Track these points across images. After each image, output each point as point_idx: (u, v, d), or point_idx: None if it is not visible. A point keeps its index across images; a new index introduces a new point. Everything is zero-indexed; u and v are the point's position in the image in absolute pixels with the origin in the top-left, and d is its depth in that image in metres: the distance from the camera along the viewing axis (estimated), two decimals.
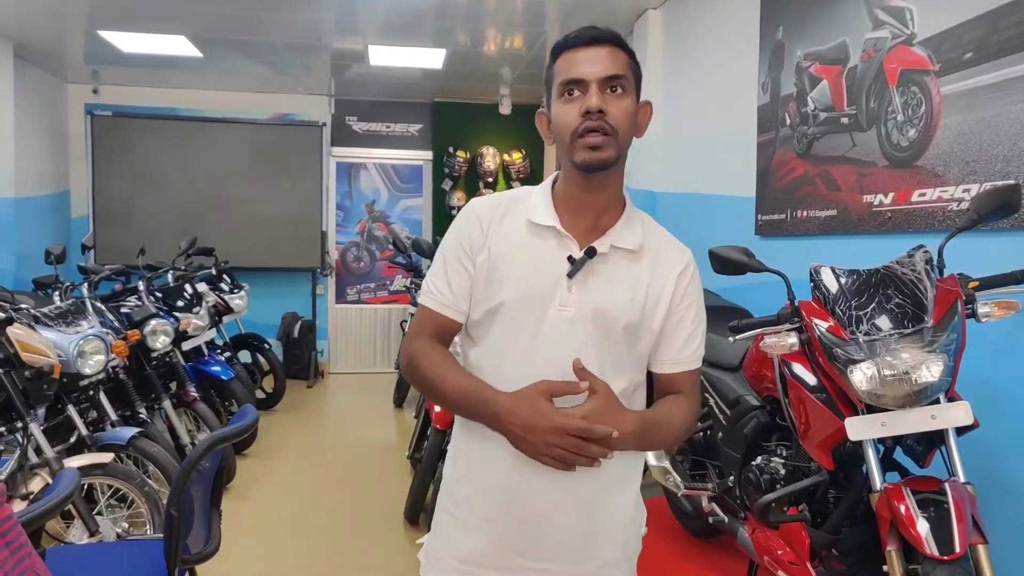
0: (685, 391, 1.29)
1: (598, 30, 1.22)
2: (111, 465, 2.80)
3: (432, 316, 1.28)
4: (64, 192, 6.86)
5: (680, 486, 2.75)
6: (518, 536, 1.24)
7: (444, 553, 1.30)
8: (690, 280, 1.29)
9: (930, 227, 2.39)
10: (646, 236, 1.28)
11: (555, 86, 1.22)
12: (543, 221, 1.24)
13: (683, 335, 1.28)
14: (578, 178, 1.23)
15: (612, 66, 1.19)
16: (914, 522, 1.62)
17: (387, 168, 7.63)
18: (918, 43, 2.45)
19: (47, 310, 3.19)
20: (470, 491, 1.28)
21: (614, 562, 1.29)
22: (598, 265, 1.22)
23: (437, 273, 1.29)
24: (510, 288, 1.22)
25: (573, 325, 1.20)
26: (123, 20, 5.05)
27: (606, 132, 1.17)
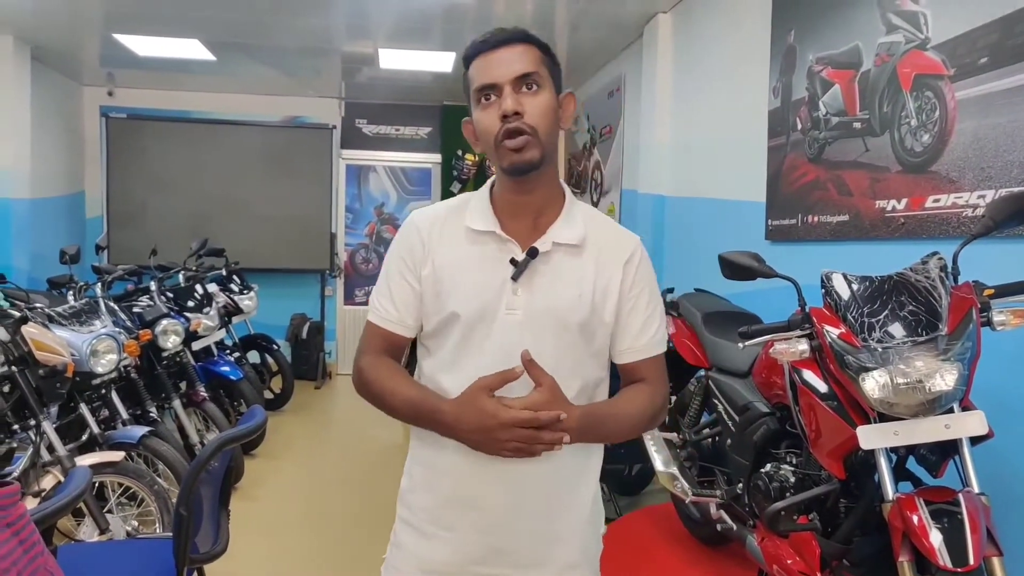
0: (648, 378, 1.28)
1: (505, 31, 1.21)
2: (122, 463, 2.82)
3: (378, 332, 1.28)
4: (79, 193, 6.93)
5: (688, 492, 2.73)
6: (477, 544, 1.23)
7: (405, 563, 1.29)
8: (638, 267, 1.28)
9: (944, 233, 2.37)
10: (589, 229, 1.26)
11: (471, 93, 1.22)
12: (482, 227, 1.24)
13: (638, 322, 1.27)
14: (510, 182, 1.23)
15: (523, 64, 1.18)
16: (927, 533, 1.60)
17: (396, 171, 7.65)
18: (932, 47, 2.43)
19: (61, 309, 3.21)
20: (426, 500, 1.28)
21: (574, 564, 1.28)
22: (541, 265, 1.22)
23: (381, 289, 1.29)
24: (457, 298, 1.22)
25: (523, 328, 1.20)
26: (138, 24, 5.09)
27: (526, 132, 1.16)
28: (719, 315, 2.96)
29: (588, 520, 1.30)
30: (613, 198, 5.62)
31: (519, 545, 1.24)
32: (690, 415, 2.99)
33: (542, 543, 1.25)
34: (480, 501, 1.23)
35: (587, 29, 5.00)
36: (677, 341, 3.06)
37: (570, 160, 6.92)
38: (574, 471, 1.27)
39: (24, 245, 5.64)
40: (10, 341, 2.68)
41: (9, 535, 1.00)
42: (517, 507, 1.23)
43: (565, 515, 1.26)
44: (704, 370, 2.92)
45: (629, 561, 3.09)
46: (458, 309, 1.21)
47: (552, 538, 1.25)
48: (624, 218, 5.35)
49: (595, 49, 5.49)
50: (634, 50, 5.11)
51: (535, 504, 1.23)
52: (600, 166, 5.96)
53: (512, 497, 1.22)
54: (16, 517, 1.03)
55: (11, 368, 2.66)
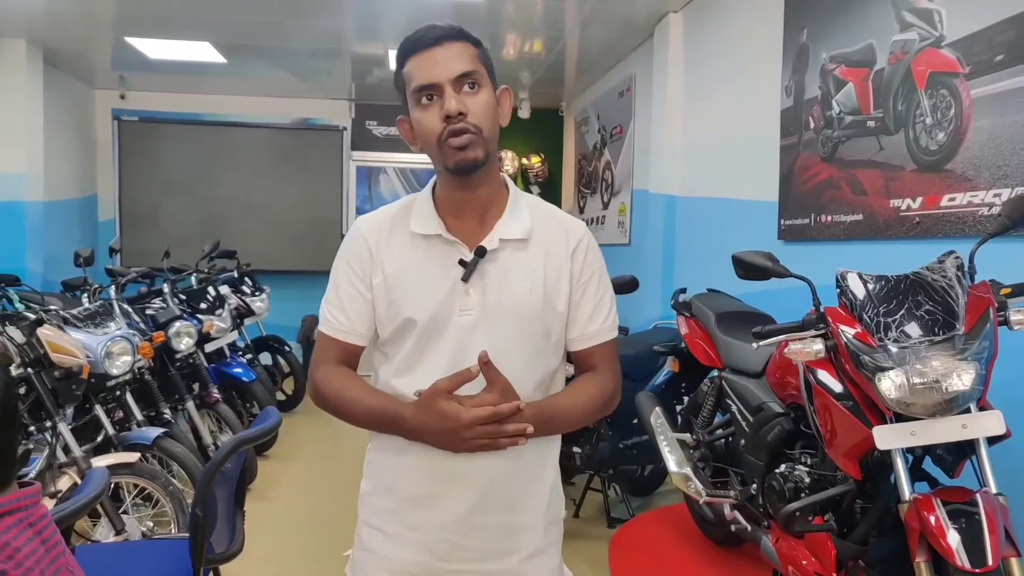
0: (598, 366, 1.29)
1: (439, 28, 1.20)
2: (137, 464, 2.84)
3: (332, 343, 1.28)
4: (91, 196, 6.98)
5: (702, 493, 2.72)
6: (441, 542, 1.24)
7: (371, 566, 1.29)
8: (586, 254, 1.27)
9: (960, 232, 2.36)
10: (535, 221, 1.26)
11: (409, 92, 1.21)
12: (428, 231, 1.24)
13: (588, 309, 1.27)
14: (454, 181, 1.23)
15: (463, 63, 1.17)
16: (945, 533, 1.59)
17: (406, 172, 7.67)
18: (947, 45, 2.41)
19: (76, 311, 3.24)
20: (389, 502, 1.28)
21: (539, 550, 1.28)
22: (490, 263, 1.22)
23: (331, 299, 1.29)
24: (411, 304, 1.21)
25: (478, 327, 1.20)
26: (150, 27, 5.13)
27: (470, 131, 1.16)
28: (732, 315, 2.94)
29: (548, 507, 1.30)
30: (624, 198, 5.61)
31: (484, 539, 1.24)
32: (703, 415, 2.98)
33: (506, 535, 1.26)
34: (442, 500, 1.23)
35: (597, 29, 5.00)
36: (690, 341, 3.05)
37: (580, 160, 6.92)
38: (534, 463, 1.27)
39: (38, 248, 5.69)
40: (26, 343, 2.71)
41: (32, 534, 1.01)
42: (480, 503, 1.22)
43: (527, 506, 1.27)
44: (717, 370, 2.91)
45: (642, 562, 3.09)
46: (413, 315, 1.21)
47: (515, 529, 1.26)
48: (635, 218, 5.34)
49: (605, 49, 5.49)
50: (645, 50, 5.11)
51: (497, 499, 1.23)
52: (611, 166, 5.95)
53: (474, 494, 1.22)
54: (38, 517, 1.04)
55: (27, 370, 2.69)
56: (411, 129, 1.24)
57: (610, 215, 5.91)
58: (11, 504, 1.00)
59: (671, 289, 3.63)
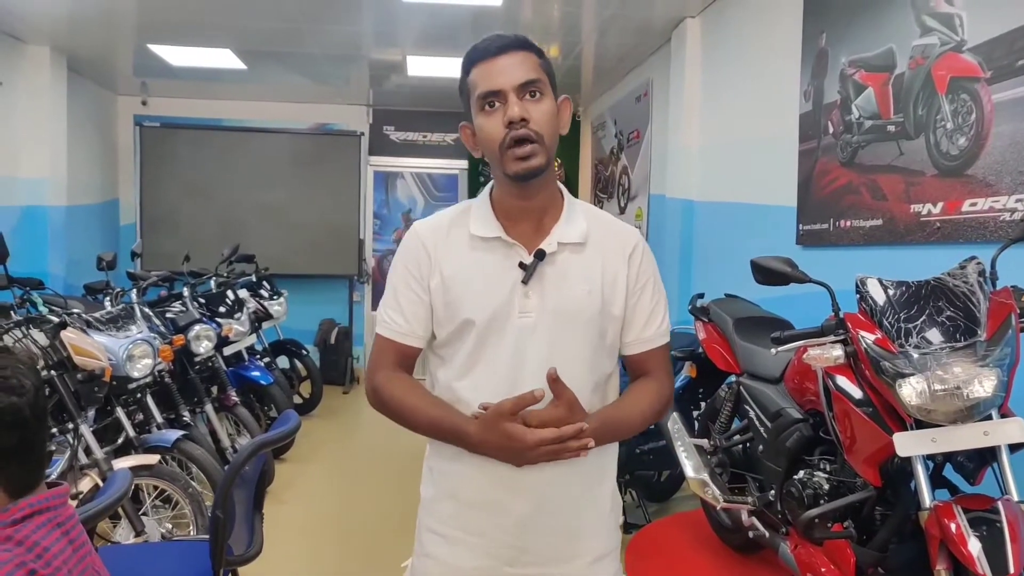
0: (653, 370, 1.31)
1: (505, 37, 1.23)
2: (157, 467, 2.87)
3: (390, 345, 1.29)
4: (113, 200, 7.08)
5: (719, 499, 2.71)
6: (505, 546, 1.25)
7: (435, 572, 1.30)
8: (641, 259, 1.29)
9: (981, 238, 2.33)
10: (590, 225, 1.28)
11: (473, 100, 1.23)
12: (487, 233, 1.25)
13: (644, 314, 1.29)
14: (513, 188, 1.24)
15: (526, 71, 1.19)
16: (966, 541, 1.57)
17: (423, 177, 7.71)
18: (968, 50, 2.39)
19: (99, 315, 3.28)
20: (452, 508, 1.28)
21: (601, 555, 1.30)
22: (549, 266, 1.23)
23: (389, 303, 1.30)
24: (469, 305, 1.23)
25: (536, 329, 1.21)
26: (172, 35, 5.21)
27: (532, 140, 1.18)
28: (750, 321, 2.93)
29: (609, 512, 1.32)
30: (641, 203, 5.60)
31: (547, 543, 1.25)
32: (721, 421, 2.96)
33: (569, 539, 1.27)
34: (506, 505, 1.24)
35: (615, 34, 5.00)
36: (708, 347, 3.04)
37: (597, 165, 6.92)
38: (594, 468, 1.29)
39: (60, 252, 5.77)
40: (49, 346, 2.75)
41: (60, 534, 1.03)
42: (543, 508, 1.24)
43: (588, 511, 1.29)
44: (735, 376, 2.90)
45: (659, 568, 3.07)
46: (472, 316, 1.22)
47: (578, 534, 1.27)
48: (652, 223, 5.33)
49: (623, 54, 5.49)
50: (662, 55, 5.10)
51: (560, 504, 1.25)
52: (627, 171, 5.94)
53: (537, 499, 1.23)
54: (66, 517, 1.06)
55: (50, 372, 2.72)
56: (473, 135, 1.27)
57: (627, 220, 5.88)
58: (40, 504, 1.02)
59: (688, 294, 3.62)
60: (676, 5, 4.45)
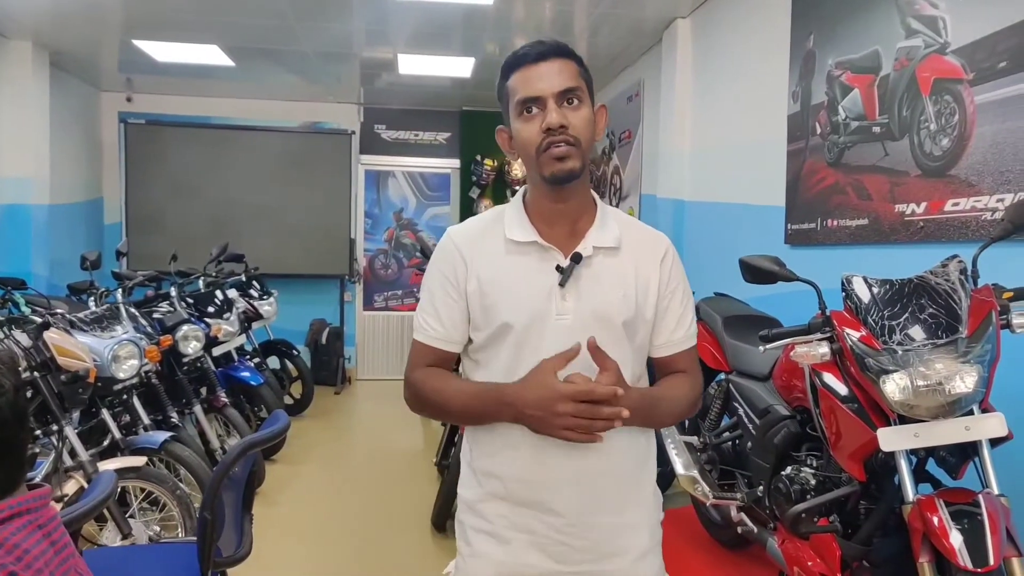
0: (686, 369, 1.35)
1: (545, 44, 1.24)
2: (144, 468, 2.85)
3: (427, 350, 1.32)
4: (97, 199, 7.01)
5: (709, 495, 2.73)
6: (554, 543, 1.26)
7: (485, 571, 1.30)
8: (672, 264, 1.33)
9: (963, 237, 2.36)
10: (622, 231, 1.31)
11: (512, 104, 1.25)
12: (523, 238, 1.27)
13: (674, 317, 1.32)
14: (549, 191, 1.26)
15: (565, 79, 1.21)
16: (947, 534, 1.60)
17: (415, 176, 7.70)
18: (951, 52, 2.42)
19: (83, 315, 3.25)
20: (500, 507, 1.30)
21: (646, 551, 1.32)
22: (584, 269, 1.26)
23: (425, 308, 1.33)
24: (507, 309, 1.25)
25: (573, 331, 1.22)
26: (157, 30, 5.16)
27: (570, 143, 1.20)
28: (739, 319, 2.95)
29: (653, 507, 1.36)
30: (632, 203, 5.62)
31: (596, 540, 1.27)
32: (710, 418, 2.98)
33: (617, 535, 1.29)
34: (554, 504, 1.25)
35: (606, 34, 5.02)
36: (697, 344, 3.05)
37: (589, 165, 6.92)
38: (636, 463, 1.32)
39: (43, 251, 5.70)
40: (32, 347, 2.71)
41: (41, 536, 1.02)
42: (590, 505, 1.26)
43: (634, 506, 1.31)
44: (724, 373, 2.92)
45: None
46: (509, 319, 1.24)
47: (625, 529, 1.30)
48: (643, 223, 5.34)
49: (614, 54, 5.51)
50: (653, 55, 5.12)
51: (607, 499, 1.27)
52: (619, 171, 5.96)
53: (584, 496, 1.25)
54: (47, 519, 1.05)
55: (34, 373, 2.69)
56: (509, 139, 1.29)
57: None
58: (21, 506, 1.01)
59: None
60: (667, 6, 4.47)
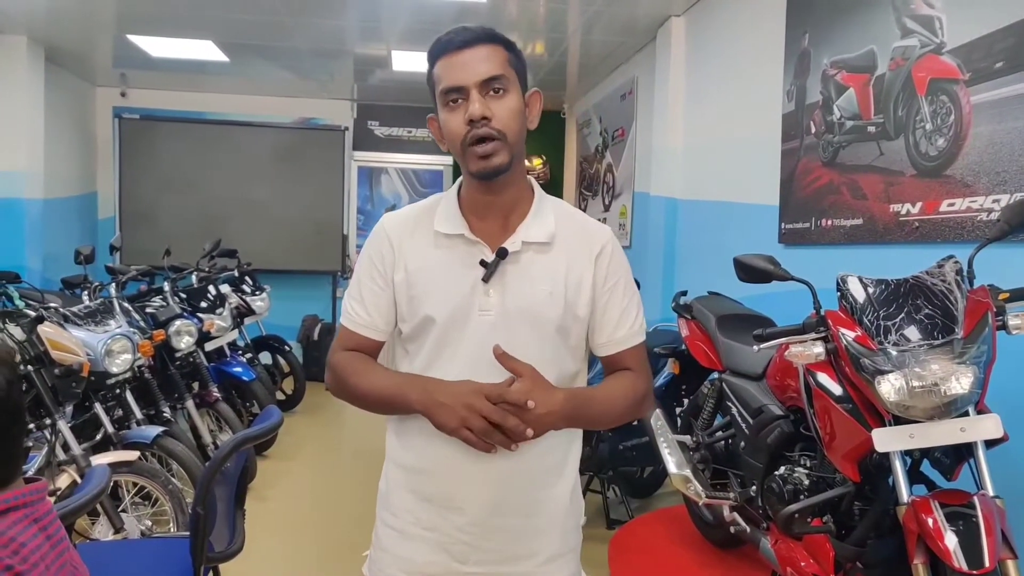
0: (632, 367, 1.30)
1: (470, 30, 1.20)
2: (137, 463, 2.84)
3: (352, 336, 1.30)
4: (91, 193, 6.98)
5: (701, 495, 2.73)
6: (458, 543, 1.24)
7: (388, 565, 1.29)
8: (610, 260, 1.27)
9: (959, 237, 2.37)
10: (559, 224, 1.26)
11: (437, 94, 1.21)
12: (451, 230, 1.25)
13: (615, 315, 1.27)
14: (478, 184, 1.23)
15: (489, 67, 1.17)
16: (942, 535, 1.60)
17: (408, 172, 7.68)
18: (947, 52, 2.43)
19: (76, 309, 3.24)
20: (407, 502, 1.28)
21: (555, 555, 1.29)
22: (511, 265, 1.22)
23: (352, 294, 1.30)
24: (430, 302, 1.23)
25: (496, 328, 1.21)
26: (152, 25, 5.14)
27: (494, 138, 1.16)
28: (733, 318, 2.96)
29: (567, 512, 1.30)
30: (625, 201, 5.62)
31: (501, 542, 1.25)
32: (703, 417, 2.99)
33: (523, 538, 1.26)
34: (461, 500, 1.23)
35: (600, 32, 5.01)
36: (691, 344, 3.06)
37: (582, 163, 6.93)
38: (552, 467, 1.28)
39: (37, 245, 5.69)
40: (26, 340, 2.71)
41: (37, 530, 1.02)
42: (499, 505, 1.23)
43: (545, 509, 1.27)
44: (718, 373, 2.92)
45: (642, 564, 3.09)
46: (432, 313, 1.22)
47: (533, 532, 1.26)
48: (636, 221, 5.36)
49: (608, 52, 5.51)
50: (647, 53, 5.12)
51: (516, 501, 1.24)
52: (612, 169, 5.96)
53: (493, 495, 1.23)
54: (43, 513, 1.05)
55: (27, 367, 2.68)
56: (439, 129, 1.25)
57: (611, 218, 5.92)
58: (16, 500, 1.00)
59: (672, 292, 3.64)
60: (661, 3, 4.47)
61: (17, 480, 1.04)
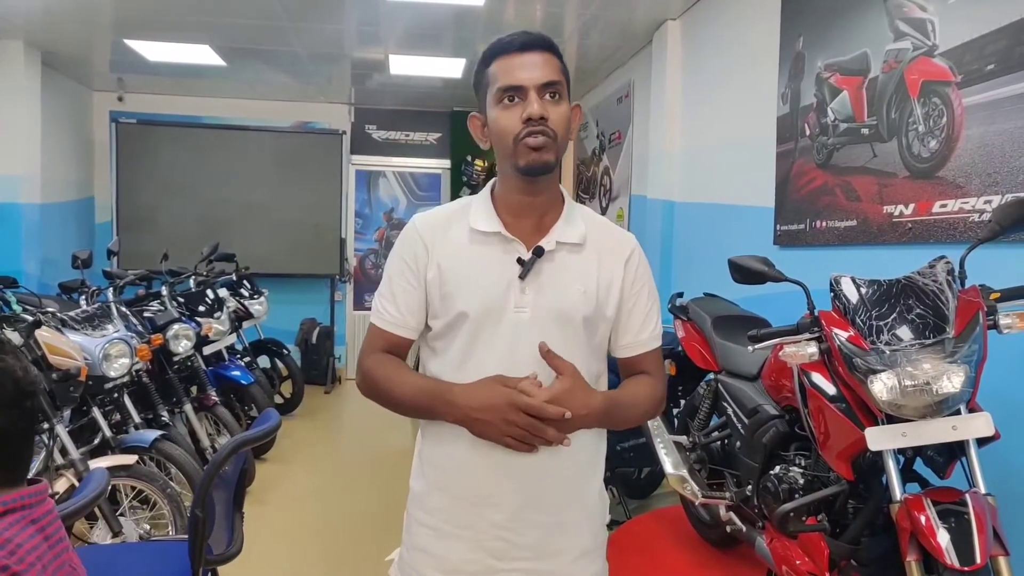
0: (650, 370, 1.34)
1: (532, 35, 1.24)
2: (135, 467, 2.85)
3: (382, 335, 1.31)
4: (88, 198, 6.99)
5: (697, 495, 2.74)
6: (493, 540, 1.26)
7: (423, 565, 1.30)
8: (638, 264, 1.33)
9: (951, 238, 2.39)
10: (589, 228, 1.31)
11: (492, 91, 1.24)
12: (487, 228, 1.27)
13: (639, 318, 1.32)
14: (519, 183, 1.26)
15: (549, 72, 1.21)
16: (935, 533, 1.61)
17: (406, 176, 7.70)
18: (940, 54, 2.45)
19: (74, 314, 3.25)
20: (442, 501, 1.29)
21: (586, 551, 1.31)
22: (546, 263, 1.25)
23: (384, 293, 1.32)
24: (465, 298, 1.24)
25: (531, 325, 1.23)
26: (149, 29, 5.15)
27: (548, 136, 1.20)
28: (728, 319, 2.97)
29: (596, 509, 1.35)
30: (622, 203, 5.64)
31: (535, 538, 1.26)
32: (699, 418, 3.00)
33: (556, 534, 1.28)
34: (496, 498, 1.25)
35: (597, 35, 5.03)
36: (687, 345, 3.07)
37: (579, 166, 6.95)
38: (585, 463, 1.32)
39: (34, 250, 5.69)
40: (24, 345, 2.71)
41: (34, 531, 1.03)
42: (532, 501, 1.25)
43: (576, 506, 1.30)
44: (713, 373, 2.94)
45: (639, 564, 3.10)
46: (466, 309, 1.23)
47: (565, 529, 1.29)
48: (633, 223, 5.37)
49: (604, 55, 5.53)
50: (643, 56, 5.14)
51: (549, 497, 1.26)
52: (609, 172, 5.98)
53: (527, 492, 1.25)
54: (42, 513, 1.06)
55: None
56: (482, 127, 1.28)
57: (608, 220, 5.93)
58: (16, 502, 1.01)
59: (668, 293, 3.65)
60: (657, 7, 4.49)
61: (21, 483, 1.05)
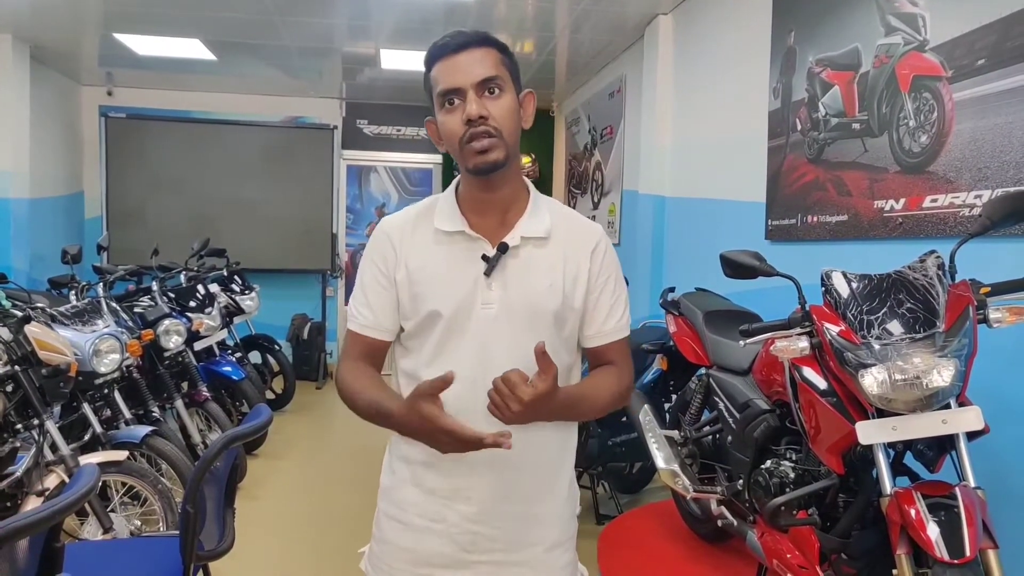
0: (616, 360, 1.35)
1: (465, 34, 1.25)
2: (125, 463, 2.83)
3: (358, 339, 1.32)
4: (78, 193, 6.93)
5: (689, 489, 2.75)
6: (464, 532, 1.27)
7: (392, 557, 1.32)
8: (604, 255, 1.33)
9: (941, 233, 2.40)
10: (554, 221, 1.31)
11: (434, 96, 1.25)
12: (451, 227, 1.28)
13: (605, 308, 1.32)
14: (476, 181, 1.27)
15: (484, 69, 1.21)
16: (924, 526, 1.62)
17: (397, 171, 7.68)
18: (931, 49, 2.45)
19: (64, 309, 3.22)
20: (412, 494, 1.31)
21: (556, 543, 1.33)
22: (511, 259, 1.26)
23: (357, 297, 1.34)
24: (435, 298, 1.25)
25: (499, 321, 1.24)
26: (138, 23, 5.11)
27: (491, 135, 1.20)
28: (720, 314, 2.98)
29: (567, 500, 1.36)
30: (614, 199, 5.64)
31: (506, 530, 1.28)
32: (691, 413, 3.01)
33: (528, 526, 1.30)
34: (468, 491, 1.26)
35: (588, 30, 5.02)
36: (678, 339, 3.08)
37: (571, 161, 6.94)
38: (555, 455, 1.33)
39: (23, 245, 5.65)
40: (13, 340, 2.69)
41: None
42: (504, 494, 1.27)
43: (547, 497, 1.32)
44: (705, 368, 2.94)
45: (630, 558, 3.11)
46: (437, 308, 1.25)
47: (536, 520, 1.31)
48: (625, 218, 5.37)
49: (596, 50, 5.52)
50: (635, 51, 5.14)
51: (521, 489, 1.28)
52: (601, 167, 5.98)
53: (499, 485, 1.26)
54: None
55: (14, 367, 2.67)
56: (437, 131, 1.28)
57: (600, 215, 5.94)
58: None
59: (660, 288, 3.66)
60: (649, 2, 4.49)
61: None
